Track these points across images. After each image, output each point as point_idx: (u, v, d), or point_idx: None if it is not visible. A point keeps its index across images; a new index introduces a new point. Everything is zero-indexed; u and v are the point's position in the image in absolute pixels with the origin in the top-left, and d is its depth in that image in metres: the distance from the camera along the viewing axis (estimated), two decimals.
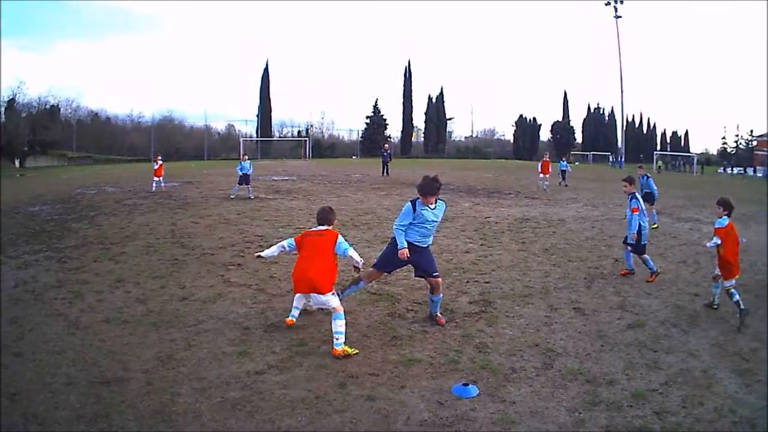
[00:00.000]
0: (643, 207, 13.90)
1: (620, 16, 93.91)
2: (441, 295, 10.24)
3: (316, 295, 9.18)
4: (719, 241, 10.87)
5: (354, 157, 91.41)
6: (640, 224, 13.48)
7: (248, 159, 31.81)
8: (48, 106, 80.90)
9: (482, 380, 7.94)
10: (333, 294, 9.24)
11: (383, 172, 45.26)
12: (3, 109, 75.17)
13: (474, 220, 22.23)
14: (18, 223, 21.11)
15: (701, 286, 12.85)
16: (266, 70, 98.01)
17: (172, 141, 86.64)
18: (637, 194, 13.86)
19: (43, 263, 14.38)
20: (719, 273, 11.10)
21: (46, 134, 72.67)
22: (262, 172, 45.44)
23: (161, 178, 33.20)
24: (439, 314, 10.32)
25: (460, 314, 10.76)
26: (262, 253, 10.07)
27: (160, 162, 33.84)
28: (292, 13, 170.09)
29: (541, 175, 35.23)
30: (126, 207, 25.46)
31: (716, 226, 11.22)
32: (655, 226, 21.71)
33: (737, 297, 10.57)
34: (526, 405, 7.22)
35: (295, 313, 9.87)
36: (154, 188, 32.48)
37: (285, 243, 9.74)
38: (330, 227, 9.63)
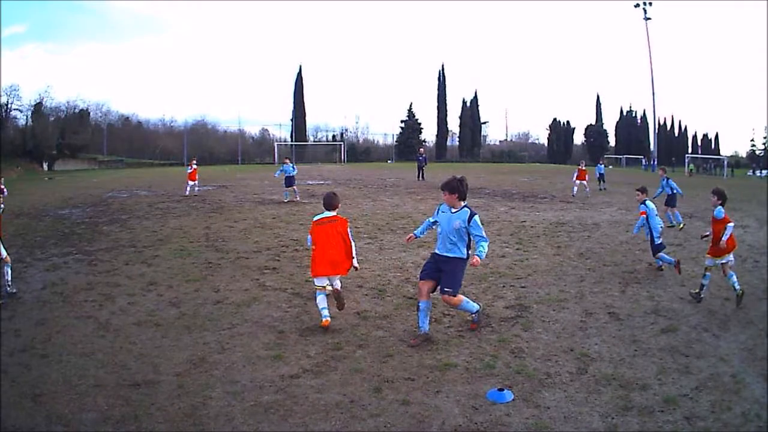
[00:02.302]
0: (652, 210, 14.90)
1: (649, 18, 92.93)
2: (457, 307, 9.88)
3: (334, 276, 10.36)
4: (732, 225, 12.03)
5: (389, 161, 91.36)
6: (651, 226, 14.65)
7: (289, 162, 32.00)
8: (77, 110, 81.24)
9: (517, 385, 7.91)
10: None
11: (419, 177, 45.10)
12: (30, 113, 75.85)
13: (510, 224, 22.18)
14: (46, 226, 21.43)
15: (732, 291, 12.50)
16: (299, 74, 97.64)
17: (205, 145, 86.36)
18: (647, 201, 14.99)
19: (73, 266, 14.52)
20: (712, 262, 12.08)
21: (75, 138, 73.04)
22: (297, 177, 44.45)
23: (195, 182, 33.26)
24: (473, 319, 10.16)
25: (496, 319, 10.74)
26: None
27: (194, 166, 33.89)
28: (325, 18, 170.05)
29: (578, 182, 34.83)
30: (159, 210, 25.71)
31: (718, 217, 12.24)
32: (681, 226, 22.14)
33: (707, 281, 12.04)
34: (560, 410, 7.19)
35: (327, 312, 10.19)
36: (187, 192, 32.57)
37: (308, 239, 10.69)
38: (336, 212, 10.52)
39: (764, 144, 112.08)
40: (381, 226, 21.29)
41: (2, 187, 25.12)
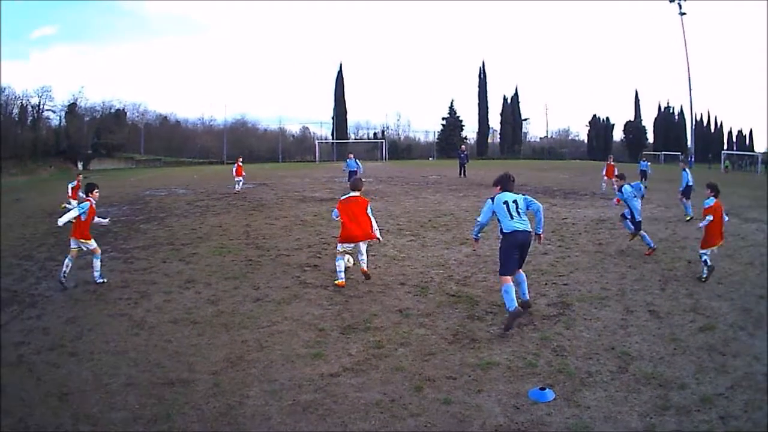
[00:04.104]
0: (630, 193, 16.76)
1: (685, 13, 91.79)
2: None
3: (363, 243, 12.87)
4: (711, 218, 13.48)
5: (430, 158, 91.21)
6: (631, 206, 16.60)
7: (353, 157, 33.15)
8: (113, 110, 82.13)
9: (559, 384, 7.94)
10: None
11: (460, 173, 44.97)
12: (64, 114, 76.72)
13: (551, 221, 21.92)
14: None
15: (767, 288, 12.63)
16: (340, 72, 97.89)
17: (245, 143, 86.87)
18: (625, 185, 16.83)
19: (108, 263, 14.56)
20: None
21: (111, 137, 73.75)
22: (337, 174, 45.34)
23: (242, 178, 33.77)
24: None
25: (538, 317, 10.79)
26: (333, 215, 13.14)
27: (240, 163, 34.52)
28: (366, 15, 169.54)
29: (606, 179, 34.30)
30: (198, 208, 25.96)
31: (705, 206, 13.81)
32: (689, 218, 22.81)
33: (707, 260, 13.41)
34: (601, 410, 7.20)
35: (343, 276, 12.81)
36: (237, 188, 33.16)
37: (334, 212, 13.04)
38: (359, 193, 13.09)
39: None
40: (423, 223, 21.30)
41: (78, 184, 25.42)
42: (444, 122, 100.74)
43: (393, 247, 16.88)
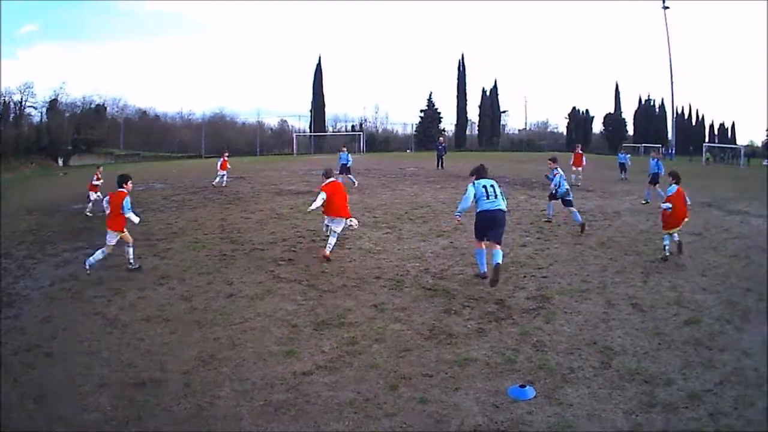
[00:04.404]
0: (562, 176, 18.92)
1: (668, 7, 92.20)
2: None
3: (339, 219, 14.28)
4: (670, 205, 14.50)
5: (408, 150, 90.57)
6: (561, 184, 18.62)
7: (345, 150, 32.63)
8: (93, 106, 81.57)
9: (539, 381, 7.78)
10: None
11: (438, 166, 44.56)
12: (45, 110, 76.34)
13: (530, 213, 22.01)
14: (59, 222, 21.46)
15: (753, 281, 12.56)
16: (319, 65, 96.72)
17: (223, 137, 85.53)
18: (558, 169, 19.04)
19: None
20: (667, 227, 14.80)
21: (91, 133, 73.31)
22: (315, 167, 44.97)
23: (225, 172, 33.28)
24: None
25: (517, 311, 10.61)
26: (310, 207, 14.28)
27: (226, 157, 34.08)
28: (344, 7, 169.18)
29: (574, 168, 34.23)
30: (174, 203, 25.53)
31: (667, 194, 15.03)
32: (645, 202, 24.93)
33: (667, 243, 14.63)
34: (584, 407, 7.02)
35: (330, 248, 14.17)
36: (216, 181, 32.73)
37: (320, 197, 14.10)
38: (333, 179, 14.59)
39: None
40: (400, 215, 21.04)
41: (99, 176, 25.24)
42: (422, 114, 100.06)
43: (369, 240, 16.66)
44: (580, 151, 35.16)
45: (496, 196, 12.12)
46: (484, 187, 12.16)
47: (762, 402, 7.24)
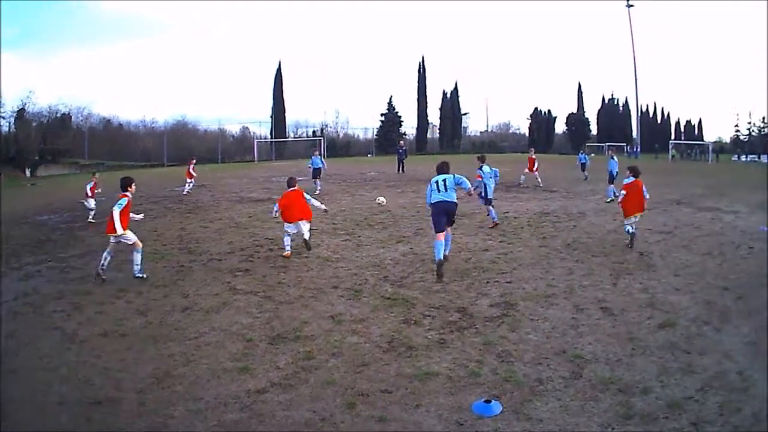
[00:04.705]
0: (488, 174, 19.64)
1: (632, 5, 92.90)
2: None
3: (303, 222, 15.39)
4: (625, 193, 15.84)
5: (369, 155, 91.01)
6: (485, 185, 19.40)
7: (318, 155, 33.37)
8: (59, 115, 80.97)
9: (506, 395, 7.36)
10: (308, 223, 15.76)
11: (398, 169, 44.82)
12: (13, 120, 75.58)
13: None
14: (24, 234, 20.94)
15: (729, 279, 12.35)
16: (279, 71, 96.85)
17: (185, 145, 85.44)
18: (484, 166, 19.80)
19: (46, 274, 14.23)
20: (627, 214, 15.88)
21: (57, 143, 72.71)
22: (276, 173, 45.21)
23: (192, 180, 33.51)
24: None
25: (480, 319, 10.19)
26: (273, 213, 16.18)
27: (193, 164, 34.46)
28: (303, 13, 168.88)
29: (527, 171, 34.70)
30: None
31: (623, 183, 16.28)
32: (609, 200, 25.11)
33: (629, 229, 15.74)
34: (555, 422, 6.64)
35: (289, 249, 15.37)
36: (184, 190, 32.72)
37: (275, 209, 15.81)
38: (295, 188, 15.69)
39: (749, 130, 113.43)
40: (359, 221, 20.78)
41: (95, 182, 25.19)
42: (383, 118, 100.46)
43: (327, 248, 16.38)
44: (534, 156, 35.45)
45: (446, 190, 13.50)
46: (437, 182, 13.63)
47: (748, 407, 6.89)
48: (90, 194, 24.21)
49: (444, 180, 13.67)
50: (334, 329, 9.80)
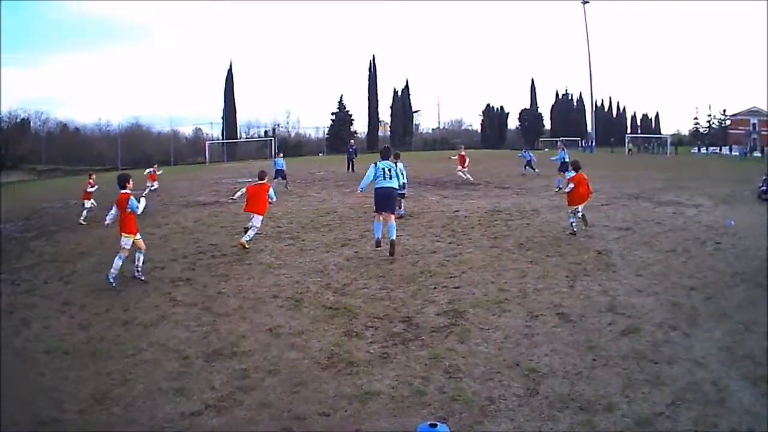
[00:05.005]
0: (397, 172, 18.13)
1: (587, 1, 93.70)
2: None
3: (258, 216, 16.55)
4: (573, 186, 16.89)
5: (320, 154, 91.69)
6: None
7: (281, 156, 35.69)
8: (18, 120, 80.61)
9: (454, 416, 6.88)
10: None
11: (348, 169, 44.89)
12: None
13: (442, 214, 21.14)
14: None
15: (696, 278, 11.93)
16: (230, 71, 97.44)
17: (139, 148, 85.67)
18: (399, 163, 18.17)
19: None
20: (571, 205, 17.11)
21: (17, 148, 72.13)
22: (226, 175, 45.15)
23: (155, 183, 34.03)
24: None
25: (426, 329, 9.64)
26: (233, 196, 18.38)
27: (154, 167, 35.28)
28: (254, 13, 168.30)
29: (458, 167, 34.59)
30: (85, 220, 24.16)
31: (567, 177, 18.13)
32: (557, 189, 26.58)
33: (572, 220, 16.97)
34: None
35: (247, 239, 16.26)
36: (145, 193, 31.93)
37: (240, 191, 17.55)
38: (265, 181, 17.17)
39: (708, 122, 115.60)
40: (305, 224, 20.23)
41: (91, 183, 25.35)
42: (333, 117, 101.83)
43: (270, 253, 15.92)
44: (463, 152, 35.53)
45: (391, 177, 14.90)
46: (383, 169, 14.96)
47: (725, 421, 6.50)
48: (87, 195, 24.42)
49: (390, 168, 15.01)
50: (272, 343, 9.35)
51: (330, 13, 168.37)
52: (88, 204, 23.84)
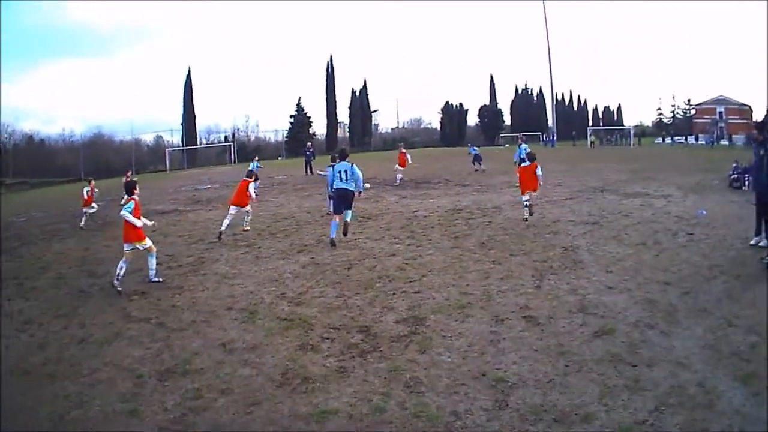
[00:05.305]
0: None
1: None
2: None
3: (232, 207, 18.83)
4: (518, 176, 19.31)
5: (280, 157, 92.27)
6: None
7: (257, 159, 38.67)
8: None
9: None
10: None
11: (306, 171, 45.13)
12: None
13: (400, 215, 21.16)
14: None
15: (671, 272, 11.71)
16: (188, 77, 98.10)
17: (102, 157, 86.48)
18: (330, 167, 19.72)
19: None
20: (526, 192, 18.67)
21: None
22: (186, 182, 45.29)
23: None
24: None
25: (385, 339, 9.35)
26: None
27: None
28: (211, 17, 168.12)
29: (397, 166, 34.59)
30: (47, 234, 24.19)
31: (522, 165, 19.79)
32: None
33: (526, 205, 18.39)
34: None
35: (223, 229, 18.43)
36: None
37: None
38: (250, 179, 19.36)
39: (672, 112, 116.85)
40: (261, 230, 20.10)
41: (92, 189, 25.95)
42: (292, 120, 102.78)
43: (225, 263, 15.66)
44: (403, 150, 35.66)
45: (346, 179, 16.43)
46: (339, 171, 16.59)
47: (716, 425, 6.22)
48: (88, 200, 25.15)
49: (345, 171, 16.51)
50: (225, 360, 9.03)
51: (287, 14, 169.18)
52: (91, 210, 24.73)
